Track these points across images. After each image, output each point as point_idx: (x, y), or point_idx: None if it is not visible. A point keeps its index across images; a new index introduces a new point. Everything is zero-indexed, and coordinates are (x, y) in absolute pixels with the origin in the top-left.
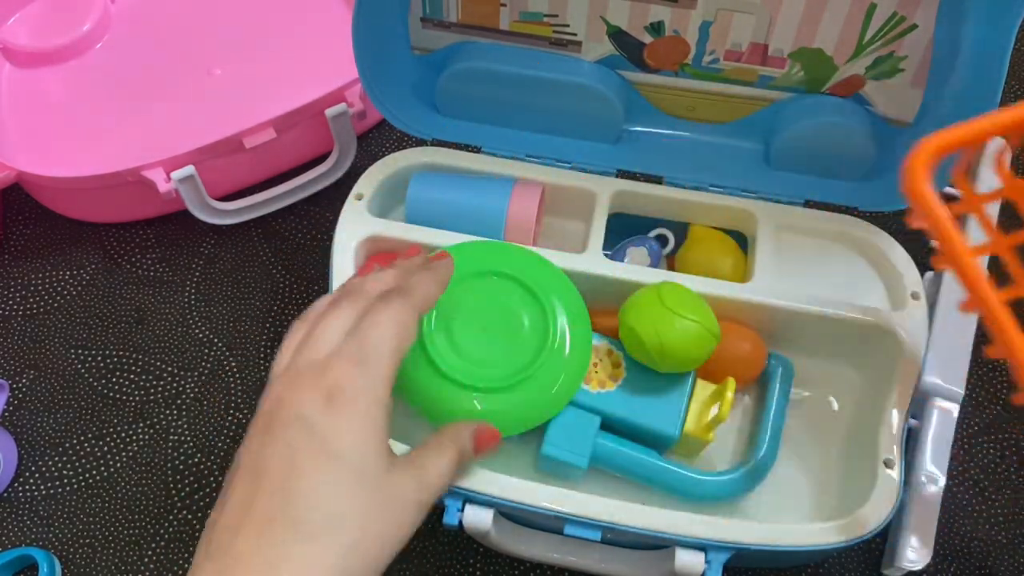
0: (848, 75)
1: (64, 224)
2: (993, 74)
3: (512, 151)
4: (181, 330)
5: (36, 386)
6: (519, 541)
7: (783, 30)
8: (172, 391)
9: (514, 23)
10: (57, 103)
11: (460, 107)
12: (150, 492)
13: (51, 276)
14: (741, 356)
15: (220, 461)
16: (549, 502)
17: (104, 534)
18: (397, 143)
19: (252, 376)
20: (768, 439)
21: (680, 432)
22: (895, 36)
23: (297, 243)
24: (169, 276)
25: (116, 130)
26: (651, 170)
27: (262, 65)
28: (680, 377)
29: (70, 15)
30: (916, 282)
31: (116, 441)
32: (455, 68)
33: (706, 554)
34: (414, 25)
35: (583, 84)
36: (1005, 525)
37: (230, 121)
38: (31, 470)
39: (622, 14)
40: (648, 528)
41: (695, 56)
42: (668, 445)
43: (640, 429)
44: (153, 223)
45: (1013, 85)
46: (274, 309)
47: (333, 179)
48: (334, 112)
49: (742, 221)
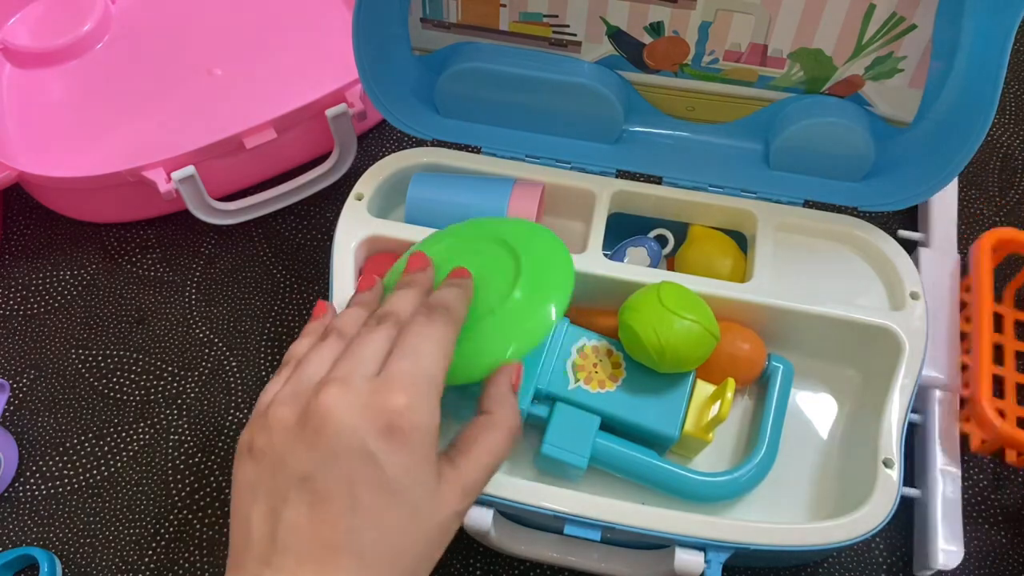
0: (847, 75)
1: (65, 224)
2: (992, 75)
3: (512, 151)
4: (182, 330)
5: (37, 386)
6: (519, 541)
7: (782, 30)
8: (173, 391)
9: (514, 24)
10: (58, 103)
11: (460, 107)
12: (151, 492)
13: (52, 276)
14: (741, 356)
15: (220, 461)
16: (549, 502)
17: (105, 534)
18: (397, 143)
19: (252, 376)
20: (768, 440)
21: (680, 432)
22: (894, 36)
23: (297, 243)
24: (170, 276)
25: (117, 130)
26: (651, 170)
27: (263, 65)
28: (680, 377)
29: (71, 15)
30: (916, 282)
31: (117, 441)
32: (455, 68)
33: (706, 554)
34: (414, 25)
35: (583, 84)
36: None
37: (231, 121)
38: (32, 470)
39: (621, 14)
40: (648, 528)
41: (694, 56)
42: (667, 445)
43: (640, 429)
44: (154, 223)
45: (1012, 86)
46: (274, 309)
47: (333, 179)
48: (334, 112)
49: (742, 221)
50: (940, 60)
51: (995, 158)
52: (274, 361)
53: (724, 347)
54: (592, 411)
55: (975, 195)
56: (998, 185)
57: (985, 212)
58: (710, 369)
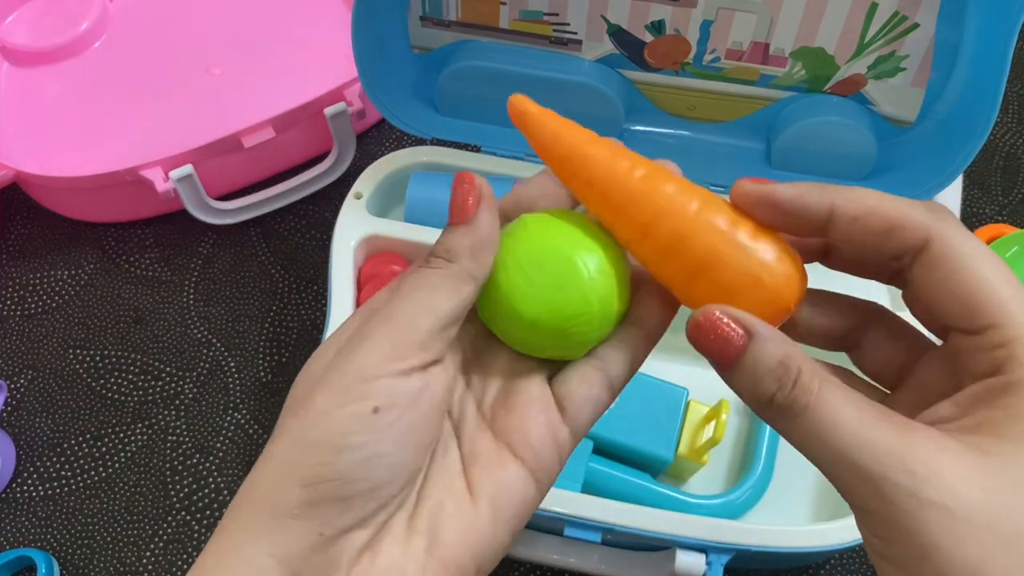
0: (849, 74)
1: (62, 224)
2: (995, 73)
3: (512, 150)
4: (179, 330)
5: (34, 386)
6: (519, 542)
7: (784, 29)
8: (170, 391)
9: (514, 22)
10: (55, 102)
11: (460, 106)
12: (148, 493)
13: (49, 276)
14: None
15: (219, 462)
16: (549, 503)
17: (102, 535)
18: (396, 142)
19: (251, 376)
20: (763, 459)
21: (674, 455)
22: (896, 35)
23: (296, 243)
24: (167, 276)
25: (114, 129)
26: None
27: (261, 64)
28: (673, 399)
29: (68, 14)
30: None
31: (114, 441)
32: (455, 67)
33: (707, 555)
34: (414, 24)
35: (583, 83)
36: None
37: (229, 120)
38: (29, 471)
39: (622, 13)
40: (648, 530)
41: (696, 55)
42: (662, 468)
43: (633, 452)
44: (151, 223)
45: (1015, 85)
46: (273, 309)
47: (332, 178)
48: (333, 111)
49: None
50: (942, 59)
51: (998, 157)
52: (273, 361)
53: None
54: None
55: (978, 194)
56: (1001, 185)
57: (988, 211)
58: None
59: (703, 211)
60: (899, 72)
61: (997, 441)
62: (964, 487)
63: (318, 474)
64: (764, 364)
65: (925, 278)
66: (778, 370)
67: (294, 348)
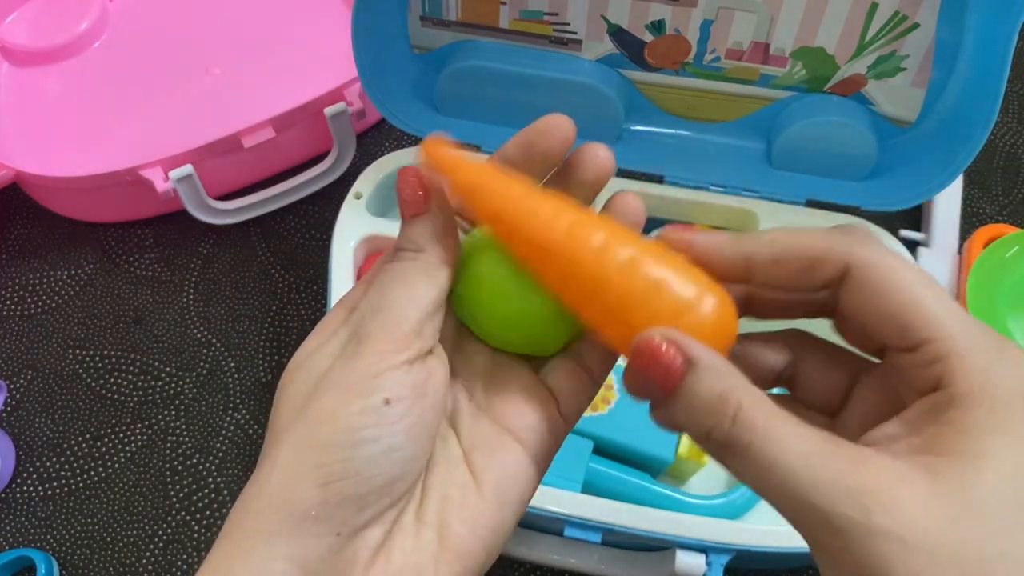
0: (849, 74)
1: (62, 224)
2: (995, 73)
3: None
4: (179, 330)
5: (34, 386)
6: (519, 543)
7: (784, 29)
8: (170, 391)
9: (514, 21)
10: (55, 102)
11: (460, 106)
12: (148, 493)
13: (49, 276)
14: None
15: (218, 462)
16: (549, 503)
17: (102, 535)
18: (396, 142)
19: (250, 376)
20: None
21: (674, 455)
22: (897, 35)
23: (296, 243)
24: (167, 276)
25: (114, 129)
26: (652, 169)
27: (261, 64)
28: None
29: (68, 14)
30: None
31: (114, 442)
32: (455, 67)
33: (707, 556)
34: (413, 24)
35: (583, 83)
36: None
37: (229, 120)
38: (29, 471)
39: (622, 12)
40: (649, 530)
41: (696, 55)
42: (662, 469)
43: (634, 452)
44: (151, 223)
45: (1016, 85)
46: (272, 309)
47: (332, 178)
48: (333, 111)
49: (743, 221)
50: (943, 59)
51: (998, 157)
52: (272, 361)
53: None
54: (584, 435)
55: (978, 194)
56: (1001, 185)
57: (988, 211)
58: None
59: (612, 251)
60: (899, 72)
61: (948, 460)
62: (919, 515)
63: (335, 472)
64: (700, 398)
65: (853, 302)
66: (716, 405)
67: (294, 348)
